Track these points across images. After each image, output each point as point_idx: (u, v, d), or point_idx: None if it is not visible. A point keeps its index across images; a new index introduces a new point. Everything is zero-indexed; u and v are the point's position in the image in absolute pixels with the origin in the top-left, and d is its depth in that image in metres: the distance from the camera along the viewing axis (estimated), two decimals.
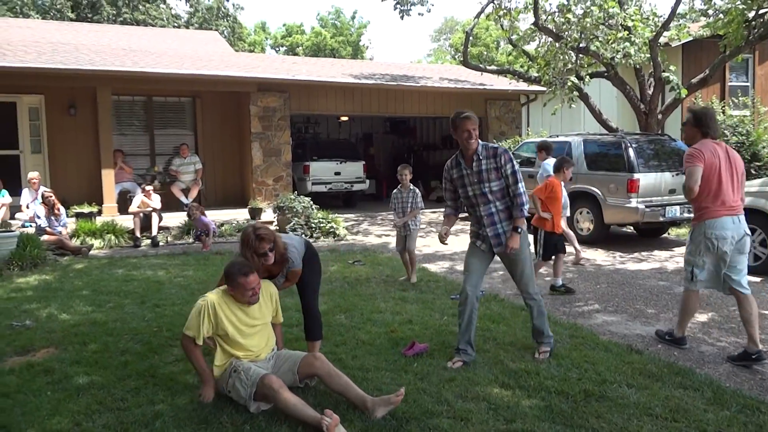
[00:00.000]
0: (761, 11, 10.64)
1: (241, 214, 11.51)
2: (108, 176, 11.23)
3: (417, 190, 7.15)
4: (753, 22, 10.85)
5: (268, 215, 11.40)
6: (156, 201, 10.08)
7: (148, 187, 10.09)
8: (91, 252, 9.00)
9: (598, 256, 8.73)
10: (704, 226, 4.48)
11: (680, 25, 12.71)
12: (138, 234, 9.74)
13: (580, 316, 5.67)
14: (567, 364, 4.29)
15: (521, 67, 14.55)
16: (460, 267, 8.02)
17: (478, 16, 13.48)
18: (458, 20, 50.68)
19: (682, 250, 9.00)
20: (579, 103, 12.59)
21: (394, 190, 7.21)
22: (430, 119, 18.81)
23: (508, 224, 4.32)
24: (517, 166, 4.31)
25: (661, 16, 12.20)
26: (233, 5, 38.34)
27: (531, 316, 4.57)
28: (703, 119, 4.52)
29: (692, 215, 4.70)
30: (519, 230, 4.30)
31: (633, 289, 6.75)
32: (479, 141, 4.31)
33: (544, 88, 13.32)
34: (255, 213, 11.33)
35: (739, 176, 4.53)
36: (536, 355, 4.45)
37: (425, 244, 9.38)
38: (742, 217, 4.51)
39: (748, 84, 15.76)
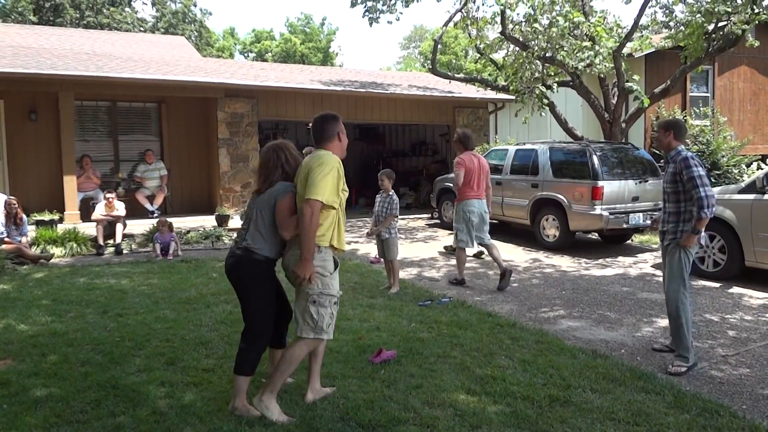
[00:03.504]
0: (720, 24, 10.96)
1: (208, 221, 11.36)
2: (70, 183, 10.96)
3: (394, 197, 7.02)
4: (712, 35, 11.17)
5: (236, 222, 11.27)
6: (120, 208, 9.88)
7: (110, 195, 9.87)
8: (53, 260, 8.77)
9: (563, 262, 8.85)
10: (463, 205, 7.18)
11: (643, 36, 13.02)
12: (101, 242, 9.52)
13: (546, 322, 5.73)
14: (533, 369, 4.33)
15: (489, 75, 14.71)
16: (428, 273, 8.05)
17: (446, 24, 13.60)
18: (427, 28, 51.17)
19: (646, 256, 9.24)
20: (546, 112, 12.78)
21: (377, 195, 7.19)
22: (400, 126, 18.83)
23: (674, 226, 4.57)
24: (696, 172, 4.41)
25: (624, 28, 12.49)
26: (200, 10, 38.06)
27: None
28: (465, 140, 7.26)
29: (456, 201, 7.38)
30: (696, 231, 4.43)
31: (597, 294, 6.85)
32: (678, 148, 4.59)
33: (511, 97, 13.49)
34: (222, 220, 11.20)
35: (485, 174, 7.31)
36: (670, 369, 4.44)
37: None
38: (484, 201, 7.29)
39: (708, 95, 16.20)
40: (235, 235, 10.74)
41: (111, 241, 9.71)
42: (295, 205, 3.62)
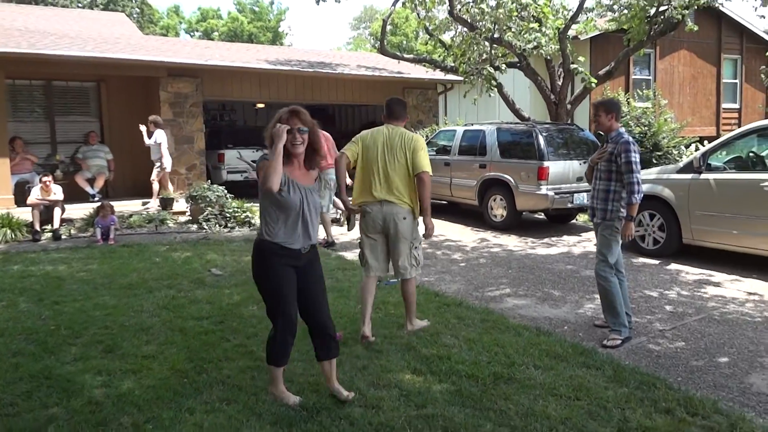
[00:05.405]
0: (661, 8, 11.22)
1: (151, 204, 11.03)
2: (2, 166, 10.44)
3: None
4: (654, 19, 11.43)
5: (181, 205, 10.99)
6: (58, 192, 9.47)
7: (46, 178, 9.44)
8: None
9: (510, 241, 8.97)
10: (325, 173, 7.83)
11: (588, 19, 13.22)
12: (38, 227, 9.11)
13: (492, 301, 5.79)
14: (478, 347, 4.37)
15: (438, 56, 14.71)
16: None
17: (394, 4, 13.49)
18: (377, 9, 50.84)
19: (590, 235, 9.45)
20: (494, 93, 12.87)
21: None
22: (350, 107, 18.70)
23: (603, 203, 4.72)
24: (634, 158, 4.53)
25: (570, 10, 12.65)
26: None
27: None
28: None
29: None
30: (630, 218, 4.59)
31: (542, 273, 6.97)
32: (619, 130, 4.71)
33: (460, 78, 13.52)
34: (166, 203, 10.89)
35: (332, 146, 8.11)
36: (605, 342, 4.56)
37: (342, 232, 9.31)
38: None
39: (650, 77, 16.65)
40: (180, 218, 10.53)
41: (48, 227, 9.32)
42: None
